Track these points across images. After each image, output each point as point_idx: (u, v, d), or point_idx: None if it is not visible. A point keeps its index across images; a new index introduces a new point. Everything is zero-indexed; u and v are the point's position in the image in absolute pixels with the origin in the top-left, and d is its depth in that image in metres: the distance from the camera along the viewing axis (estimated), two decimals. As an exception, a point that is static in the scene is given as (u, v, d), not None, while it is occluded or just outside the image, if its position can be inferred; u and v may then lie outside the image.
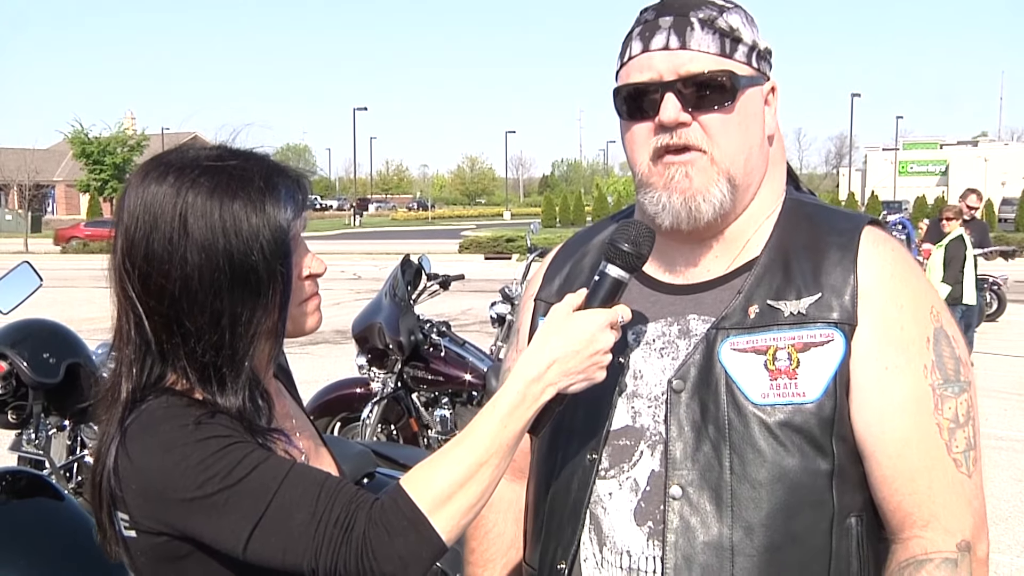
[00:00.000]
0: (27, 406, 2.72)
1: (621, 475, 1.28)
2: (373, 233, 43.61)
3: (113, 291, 1.19)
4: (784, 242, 1.28)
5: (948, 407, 1.20)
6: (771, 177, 1.32)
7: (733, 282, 1.28)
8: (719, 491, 1.21)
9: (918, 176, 65.25)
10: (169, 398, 1.15)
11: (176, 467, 1.09)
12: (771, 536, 1.19)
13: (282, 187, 1.19)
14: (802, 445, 1.19)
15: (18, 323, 2.72)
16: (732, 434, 1.21)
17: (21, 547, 2.13)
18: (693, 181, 1.24)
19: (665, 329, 1.29)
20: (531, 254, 7.18)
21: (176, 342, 1.15)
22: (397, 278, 5.20)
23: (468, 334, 6.31)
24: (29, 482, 2.41)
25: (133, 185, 1.18)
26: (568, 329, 1.18)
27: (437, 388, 5.16)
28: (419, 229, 49.17)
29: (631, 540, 1.26)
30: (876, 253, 1.24)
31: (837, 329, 1.21)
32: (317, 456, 1.35)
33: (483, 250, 27.06)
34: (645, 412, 1.28)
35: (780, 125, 1.36)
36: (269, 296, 1.17)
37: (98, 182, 45.64)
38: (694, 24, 1.24)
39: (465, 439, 1.15)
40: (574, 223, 44.52)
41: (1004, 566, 4.68)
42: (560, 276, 1.44)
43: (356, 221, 54.00)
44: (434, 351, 5.17)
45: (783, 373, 1.21)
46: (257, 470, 1.10)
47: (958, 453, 1.20)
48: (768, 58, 1.30)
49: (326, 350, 10.08)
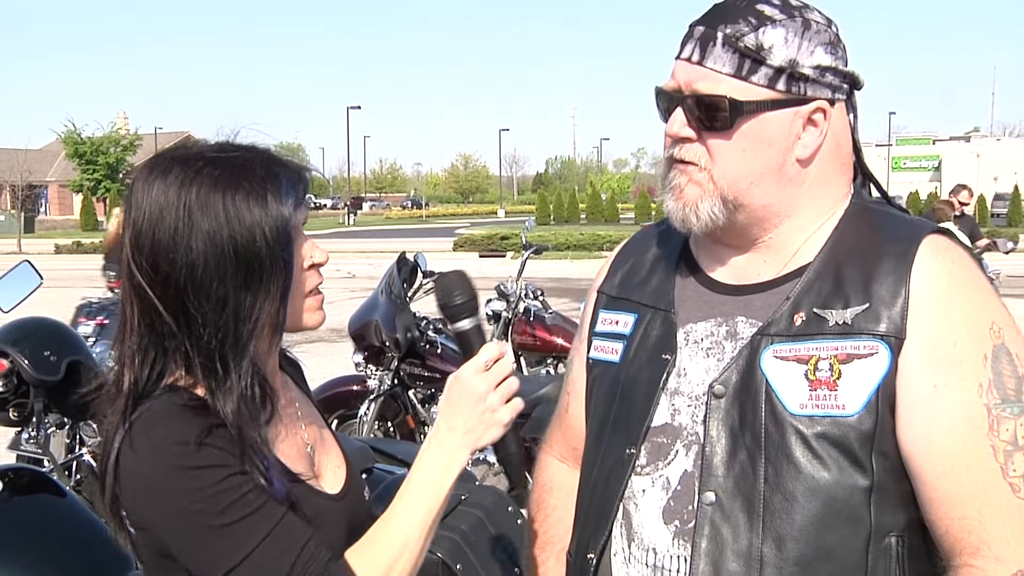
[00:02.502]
0: (28, 404, 2.73)
1: (655, 472, 1.28)
2: (367, 232, 43.47)
3: (121, 286, 1.23)
4: (839, 249, 1.24)
5: (1006, 428, 1.13)
6: (817, 194, 1.27)
7: (783, 287, 1.25)
8: (752, 500, 1.19)
9: (911, 172, 65.34)
10: (171, 398, 1.18)
11: (171, 490, 1.12)
12: (802, 550, 1.17)
13: (283, 177, 1.22)
14: (839, 459, 1.16)
15: (19, 321, 2.73)
16: (768, 443, 1.19)
17: (24, 543, 2.14)
18: (685, 192, 1.26)
19: (714, 329, 1.28)
20: (526, 251, 7.20)
21: (182, 330, 1.18)
22: (393, 276, 5.22)
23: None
24: (31, 479, 2.42)
25: (140, 180, 1.21)
26: (451, 394, 1.26)
27: (433, 385, 5.18)
28: (413, 228, 48.94)
29: (658, 538, 1.26)
30: (934, 263, 1.19)
31: (883, 342, 1.16)
32: (323, 447, 1.37)
33: (477, 248, 27.01)
34: (684, 411, 1.27)
35: (844, 138, 1.29)
36: (272, 283, 1.20)
37: (91, 182, 45.47)
38: (717, 40, 1.21)
39: (396, 515, 1.23)
40: (568, 220, 44.53)
41: None
42: (623, 270, 1.46)
43: (350, 220, 53.89)
44: (430, 348, 5.19)
45: (823, 384, 1.18)
46: (246, 519, 1.13)
47: (1015, 477, 1.13)
48: (820, 79, 1.22)
49: (322, 348, 10.07)
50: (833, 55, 1.24)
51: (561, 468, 1.54)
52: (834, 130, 1.26)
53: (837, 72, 1.24)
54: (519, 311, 6.42)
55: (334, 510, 1.28)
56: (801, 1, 1.26)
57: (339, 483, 1.34)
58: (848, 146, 1.30)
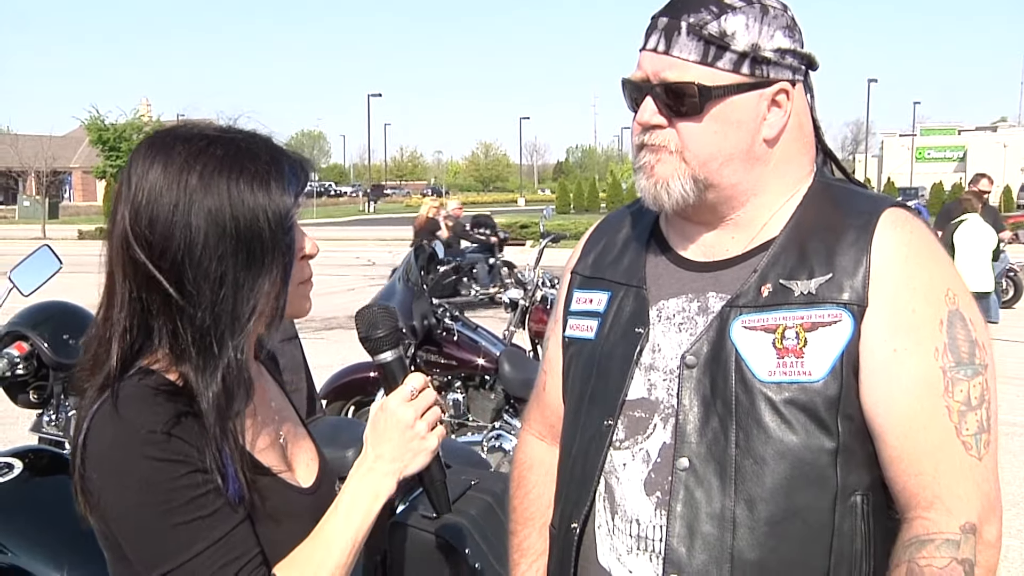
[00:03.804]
0: (48, 386, 2.76)
1: (635, 446, 1.32)
2: (387, 220, 43.62)
3: (109, 260, 1.20)
4: (803, 223, 1.29)
5: (960, 389, 1.19)
6: (782, 172, 1.32)
7: (751, 261, 1.30)
8: (724, 465, 1.24)
9: (935, 162, 64.71)
10: (144, 380, 1.15)
11: (131, 476, 1.11)
12: (772, 510, 1.22)
13: (286, 165, 1.22)
14: (806, 423, 1.21)
15: (39, 305, 2.75)
16: (738, 410, 1.24)
17: (44, 524, 2.17)
18: (656, 169, 1.30)
19: (685, 305, 1.33)
20: (544, 239, 7.21)
21: (176, 306, 1.16)
22: (411, 264, 5.25)
23: (480, 320, 6.35)
24: (51, 460, 2.45)
25: (139, 155, 1.19)
26: (378, 422, 1.27)
27: (450, 372, 5.21)
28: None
29: (640, 509, 1.30)
30: (893, 235, 1.24)
31: (846, 310, 1.21)
32: (295, 441, 1.36)
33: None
34: (660, 385, 1.32)
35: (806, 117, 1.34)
36: (275, 266, 1.19)
37: (114, 168, 45.62)
38: (681, 29, 1.26)
39: (324, 537, 1.22)
40: (588, 209, 44.47)
41: (1014, 550, 4.69)
42: (595, 251, 1.50)
43: (370, 208, 54.05)
44: (447, 335, 5.22)
45: (790, 352, 1.22)
46: (197, 523, 1.12)
47: (968, 436, 1.19)
48: (781, 61, 1.28)
49: (340, 335, 10.12)
50: (791, 38, 1.29)
51: (540, 445, 1.58)
52: (796, 110, 1.31)
53: (796, 54, 1.30)
54: (536, 299, 6.43)
55: (305, 504, 1.27)
56: None
57: (311, 477, 1.33)
58: (809, 125, 1.36)
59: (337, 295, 14.24)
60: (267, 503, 1.20)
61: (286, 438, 1.33)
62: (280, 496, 1.23)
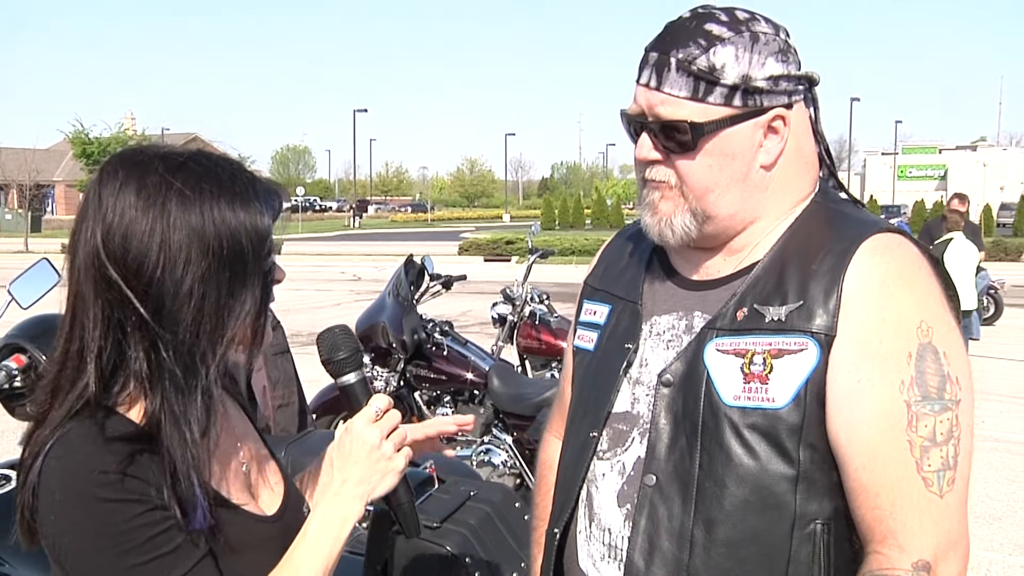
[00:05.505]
0: (44, 399, 2.77)
1: (614, 458, 1.36)
2: (373, 235, 43.60)
3: (75, 279, 1.14)
4: (788, 247, 1.29)
5: (924, 425, 1.17)
6: (779, 196, 1.32)
7: (733, 283, 1.31)
8: (687, 484, 1.27)
9: (917, 180, 65.23)
10: (99, 417, 1.10)
11: (84, 519, 1.06)
12: (729, 532, 1.24)
13: (262, 190, 1.20)
14: (767, 449, 1.23)
15: (37, 318, 2.75)
16: (704, 431, 1.26)
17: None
18: (660, 207, 1.33)
19: (675, 322, 1.35)
20: (532, 255, 7.25)
21: (152, 328, 1.11)
22: (400, 278, 5.26)
23: (469, 335, 6.37)
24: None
25: (111, 169, 1.14)
26: (344, 445, 1.24)
27: (440, 387, 5.22)
28: (419, 231, 49.12)
29: (612, 519, 1.35)
30: (870, 263, 1.22)
31: (812, 339, 1.21)
32: (259, 466, 1.32)
33: (483, 252, 27.06)
34: (643, 400, 1.35)
35: (805, 141, 1.33)
36: (253, 288, 1.16)
37: (98, 182, 45.34)
38: (671, 65, 1.26)
39: (293, 565, 1.19)
40: (573, 226, 44.54)
41: (997, 564, 4.74)
42: (606, 263, 1.54)
43: (355, 223, 54.01)
44: (437, 350, 5.23)
45: (756, 377, 1.24)
46: (157, 562, 1.08)
47: (929, 472, 1.17)
48: (774, 88, 1.26)
49: (327, 350, 10.11)
50: (784, 63, 1.28)
51: (559, 447, 1.61)
52: (795, 132, 1.30)
53: (790, 78, 1.28)
54: (524, 315, 6.47)
55: (270, 532, 1.24)
56: (748, 13, 1.30)
57: (276, 502, 1.29)
58: (810, 145, 1.35)
59: (324, 310, 14.21)
60: (229, 536, 1.17)
61: (249, 465, 1.29)
62: (242, 528, 1.20)
